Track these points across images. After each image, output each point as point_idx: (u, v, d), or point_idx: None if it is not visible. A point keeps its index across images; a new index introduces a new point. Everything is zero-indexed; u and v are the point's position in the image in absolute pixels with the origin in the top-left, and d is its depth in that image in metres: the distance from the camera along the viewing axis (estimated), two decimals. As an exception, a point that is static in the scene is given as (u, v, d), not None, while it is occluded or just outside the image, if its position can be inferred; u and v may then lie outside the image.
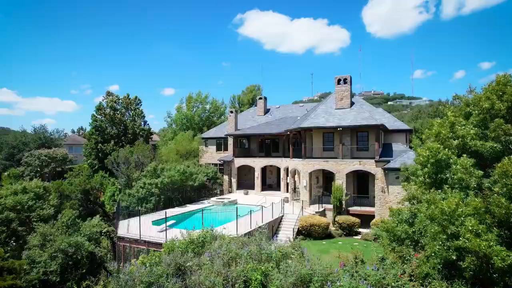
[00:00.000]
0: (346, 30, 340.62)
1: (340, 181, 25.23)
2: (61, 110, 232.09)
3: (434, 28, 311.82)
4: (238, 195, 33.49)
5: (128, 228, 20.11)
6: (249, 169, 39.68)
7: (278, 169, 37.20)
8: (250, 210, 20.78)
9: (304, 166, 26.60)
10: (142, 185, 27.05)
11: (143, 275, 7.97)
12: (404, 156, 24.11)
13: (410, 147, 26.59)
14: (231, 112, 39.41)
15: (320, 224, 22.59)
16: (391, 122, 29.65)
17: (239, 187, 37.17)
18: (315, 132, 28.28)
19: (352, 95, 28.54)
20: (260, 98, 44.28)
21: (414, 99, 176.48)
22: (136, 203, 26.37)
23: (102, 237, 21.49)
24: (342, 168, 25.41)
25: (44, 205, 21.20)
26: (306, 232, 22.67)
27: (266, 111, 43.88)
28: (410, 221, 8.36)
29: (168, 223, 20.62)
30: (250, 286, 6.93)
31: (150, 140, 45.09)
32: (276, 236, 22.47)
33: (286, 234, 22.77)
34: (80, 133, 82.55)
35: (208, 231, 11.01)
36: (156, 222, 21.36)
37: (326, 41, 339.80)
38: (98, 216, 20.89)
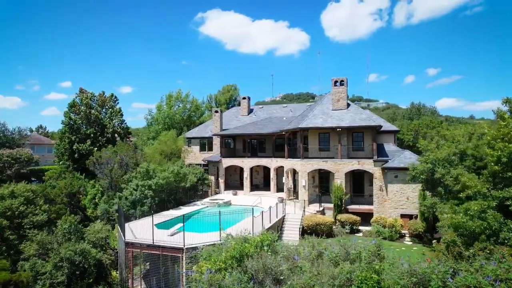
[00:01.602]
0: (306, 33, 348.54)
1: (339, 181, 25.75)
2: (3, 107, 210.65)
3: (387, 35, 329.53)
4: (228, 196, 32.95)
5: (133, 232, 18.95)
6: (235, 169, 39.22)
7: (265, 169, 37.19)
8: (262, 211, 20.57)
9: (303, 166, 26.83)
10: (135, 187, 25.65)
11: (233, 282, 7.53)
12: (401, 156, 25.19)
13: (407, 148, 27.87)
14: (216, 112, 38.74)
15: (325, 223, 22.94)
16: (381, 123, 30.83)
17: (226, 187, 36.65)
18: (311, 132, 28.65)
19: (313, 97, 29.19)
20: (244, 98, 43.95)
21: (371, 101, 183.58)
22: (130, 206, 24.94)
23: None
24: (341, 168, 25.97)
25: (36, 211, 19.28)
26: (310, 231, 22.87)
27: (250, 111, 43.68)
28: (482, 216, 8.79)
29: (176, 226, 19.75)
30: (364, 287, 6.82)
31: (128, 139, 42.89)
32: (282, 236, 22.46)
33: (291, 233, 22.86)
34: (39, 132, 76.37)
35: (265, 233, 10.71)
36: (160, 225, 20.32)
37: (287, 43, 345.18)
38: (99, 221, 19.48)
